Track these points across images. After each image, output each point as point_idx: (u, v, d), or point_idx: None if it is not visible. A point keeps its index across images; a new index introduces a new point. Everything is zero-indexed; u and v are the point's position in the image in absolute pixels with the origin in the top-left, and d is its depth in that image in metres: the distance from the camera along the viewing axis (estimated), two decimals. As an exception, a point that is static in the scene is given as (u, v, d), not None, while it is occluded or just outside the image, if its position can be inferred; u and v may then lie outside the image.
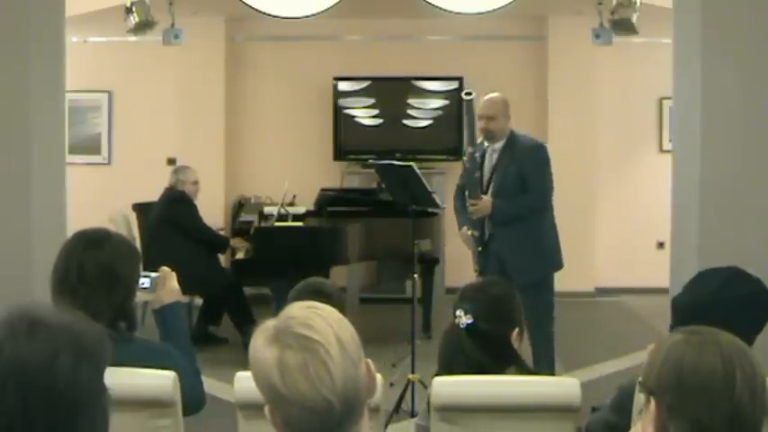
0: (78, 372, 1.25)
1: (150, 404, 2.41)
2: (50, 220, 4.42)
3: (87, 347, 1.28)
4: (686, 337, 1.47)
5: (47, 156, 4.46)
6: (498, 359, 2.49)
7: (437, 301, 6.94)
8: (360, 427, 1.42)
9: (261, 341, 1.40)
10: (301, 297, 2.46)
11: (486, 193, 4.82)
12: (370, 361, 1.46)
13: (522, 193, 4.82)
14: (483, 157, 4.87)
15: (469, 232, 4.87)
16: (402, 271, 7.77)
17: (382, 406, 2.54)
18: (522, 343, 2.58)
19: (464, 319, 2.46)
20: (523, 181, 4.81)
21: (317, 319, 1.40)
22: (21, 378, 1.22)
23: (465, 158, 4.84)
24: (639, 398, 1.94)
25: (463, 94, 4.84)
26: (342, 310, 1.49)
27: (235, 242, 6.86)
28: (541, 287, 4.88)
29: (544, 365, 4.66)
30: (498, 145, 4.85)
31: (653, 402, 1.46)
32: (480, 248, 4.87)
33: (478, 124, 4.82)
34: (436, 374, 2.57)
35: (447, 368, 2.52)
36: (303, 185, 7.75)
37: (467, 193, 4.84)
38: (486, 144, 4.88)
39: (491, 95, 4.95)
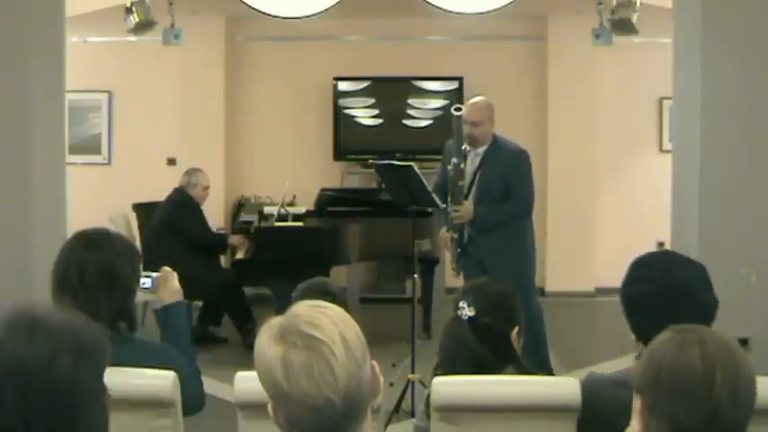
0: (78, 372, 1.25)
1: (150, 404, 2.41)
2: (50, 220, 4.42)
3: (87, 347, 1.28)
4: (671, 336, 1.47)
5: (47, 156, 4.46)
6: (499, 355, 2.49)
7: (437, 301, 6.94)
8: (363, 428, 1.43)
9: (266, 338, 1.41)
10: (305, 296, 2.46)
11: (467, 197, 4.85)
12: (375, 363, 1.46)
13: (503, 198, 4.85)
14: (464, 160, 4.89)
15: (448, 234, 4.92)
16: (402, 271, 7.77)
17: (382, 406, 2.54)
18: (520, 343, 2.58)
19: (467, 311, 2.47)
20: (506, 186, 4.85)
21: (322, 319, 1.41)
22: (20, 378, 1.22)
23: (450, 168, 4.88)
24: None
25: (453, 110, 4.90)
26: (345, 309, 1.49)
27: (233, 240, 6.84)
28: (525, 290, 4.88)
29: (538, 366, 4.66)
30: (481, 149, 4.88)
31: (639, 400, 1.47)
32: (459, 250, 4.91)
33: (464, 129, 4.85)
34: (436, 367, 2.57)
35: (448, 361, 2.52)
36: (303, 185, 7.75)
37: (449, 198, 4.90)
38: (467, 148, 4.89)
39: (476, 100, 5.00)
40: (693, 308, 1.99)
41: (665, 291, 2.18)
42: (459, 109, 4.84)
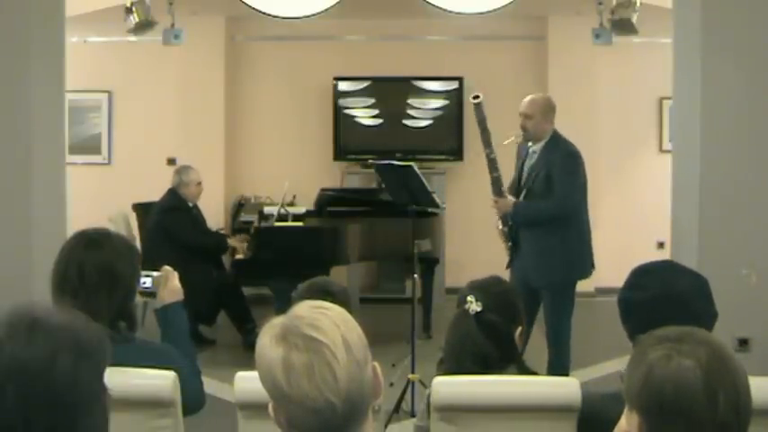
0: (78, 372, 1.25)
1: (150, 404, 2.40)
2: (50, 220, 4.42)
3: (87, 347, 1.28)
4: (666, 354, 1.43)
5: (47, 156, 4.46)
6: (503, 353, 2.49)
7: (437, 301, 6.94)
8: (364, 429, 1.42)
9: (268, 339, 1.40)
10: (306, 296, 2.45)
11: (519, 192, 4.85)
12: (377, 364, 1.46)
13: (546, 197, 4.79)
14: (525, 157, 4.90)
15: (500, 226, 4.91)
16: (402, 271, 7.77)
17: (382, 406, 2.54)
18: (521, 343, 2.58)
19: (474, 306, 2.47)
20: (549, 185, 4.75)
21: (324, 320, 1.40)
22: (20, 379, 1.22)
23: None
24: None
25: (471, 98, 4.89)
26: (347, 309, 1.49)
27: (233, 241, 6.80)
28: (560, 292, 4.83)
29: (556, 369, 4.65)
30: (538, 146, 4.84)
31: (636, 417, 1.45)
32: (511, 244, 4.90)
33: (520, 122, 4.85)
34: (441, 361, 2.57)
35: (453, 355, 2.52)
36: (303, 185, 7.75)
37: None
38: (529, 144, 4.89)
39: (533, 95, 5.03)
40: (689, 319, 1.95)
41: (660, 299, 2.18)
42: (476, 97, 4.84)
